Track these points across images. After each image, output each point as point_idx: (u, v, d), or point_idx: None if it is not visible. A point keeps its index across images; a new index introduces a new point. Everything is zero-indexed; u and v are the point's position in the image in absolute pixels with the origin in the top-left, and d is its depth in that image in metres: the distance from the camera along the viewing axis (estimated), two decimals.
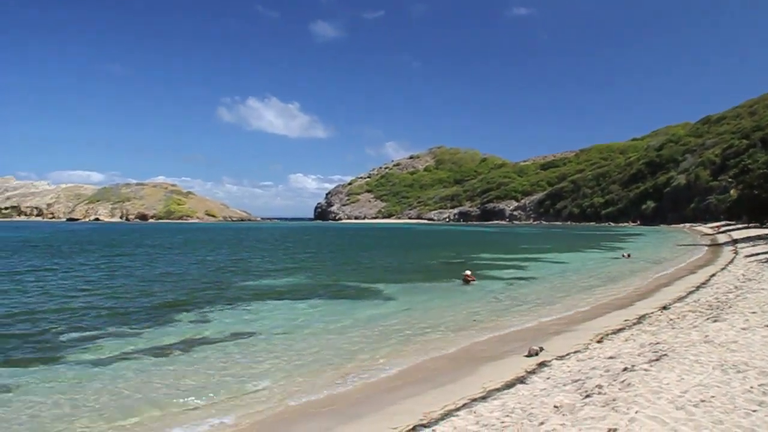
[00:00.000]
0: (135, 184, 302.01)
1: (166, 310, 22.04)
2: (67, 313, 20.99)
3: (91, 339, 16.96)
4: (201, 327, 18.99)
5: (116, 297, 25.12)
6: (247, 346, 16.37)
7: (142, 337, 17.31)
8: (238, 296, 25.79)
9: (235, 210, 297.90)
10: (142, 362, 14.60)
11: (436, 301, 24.89)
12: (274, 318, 20.82)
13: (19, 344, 16.22)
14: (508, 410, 9.49)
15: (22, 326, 18.61)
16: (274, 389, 12.43)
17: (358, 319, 20.50)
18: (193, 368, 14.03)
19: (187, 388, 12.49)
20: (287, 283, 30.88)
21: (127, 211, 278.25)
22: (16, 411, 10.98)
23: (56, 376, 13.26)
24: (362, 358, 15.06)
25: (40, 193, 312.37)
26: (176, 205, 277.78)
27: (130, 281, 30.89)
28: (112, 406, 11.35)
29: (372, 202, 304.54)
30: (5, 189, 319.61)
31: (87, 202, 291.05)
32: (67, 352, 15.33)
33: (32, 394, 11.90)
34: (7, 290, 26.84)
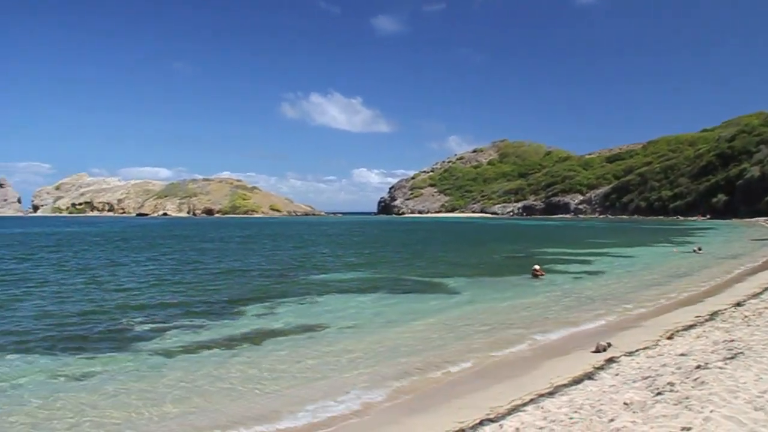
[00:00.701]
0: (201, 179, 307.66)
1: (235, 303, 22.40)
2: (140, 307, 21.56)
3: (164, 331, 17.39)
4: (269, 320, 19.28)
5: (186, 291, 25.65)
6: (314, 340, 16.53)
7: (213, 330, 17.66)
8: (305, 290, 26.05)
9: (299, 205, 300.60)
10: (215, 354, 14.91)
11: (503, 295, 24.70)
12: (340, 312, 20.95)
13: (96, 336, 16.73)
14: (576, 406, 9.36)
15: (99, 319, 19.18)
16: (342, 383, 12.47)
17: (424, 313, 20.50)
18: (264, 360, 14.25)
19: (258, 379, 12.68)
20: (353, 278, 31.06)
21: (193, 206, 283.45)
22: (101, 398, 11.34)
23: (134, 366, 13.65)
24: (429, 352, 15.03)
25: (112, 189, 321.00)
26: (241, 200, 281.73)
27: (199, 275, 31.52)
28: (191, 394, 11.64)
29: (435, 196, 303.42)
30: (79, 185, 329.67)
31: (155, 198, 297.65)
32: (142, 344, 15.76)
33: (114, 383, 12.28)
34: (86, 284, 27.68)
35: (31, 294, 24.24)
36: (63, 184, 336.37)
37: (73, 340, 16.03)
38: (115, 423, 10.19)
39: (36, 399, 11.34)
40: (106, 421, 10.24)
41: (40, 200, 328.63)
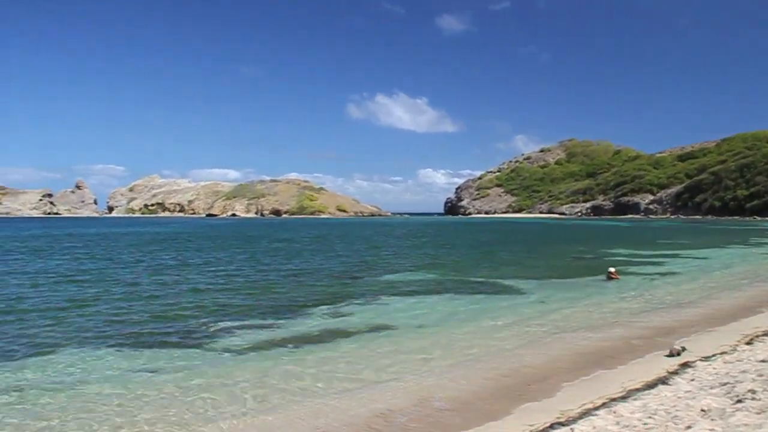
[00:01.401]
0: (269, 180, 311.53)
1: (304, 304, 22.61)
2: (212, 306, 21.96)
3: (236, 330, 17.70)
4: (339, 321, 19.42)
5: (256, 291, 26.01)
6: (383, 341, 16.58)
7: (283, 330, 17.88)
8: (373, 291, 26.15)
9: (365, 205, 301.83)
10: (286, 353, 15.08)
11: (575, 297, 24.36)
12: (409, 312, 20.98)
13: (170, 335, 17.15)
14: (650, 411, 9.12)
15: (173, 318, 19.67)
16: (409, 383, 12.45)
17: (494, 315, 20.35)
18: (335, 360, 14.35)
19: (329, 379, 12.76)
20: (421, 278, 31.03)
21: (261, 207, 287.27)
22: (176, 396, 11.57)
23: (208, 365, 13.94)
24: (498, 354, 14.91)
25: (182, 191, 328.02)
26: (308, 201, 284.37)
27: (268, 276, 31.94)
28: (263, 393, 11.78)
29: (502, 197, 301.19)
30: (151, 187, 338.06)
31: (224, 199, 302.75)
32: (215, 343, 16.09)
33: (188, 381, 12.53)
34: (159, 284, 28.40)
35: (109, 293, 24.98)
36: (136, 186, 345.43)
37: (149, 339, 16.45)
38: (192, 420, 10.39)
39: (116, 395, 11.66)
40: (185, 417, 10.46)
41: (114, 201, 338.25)
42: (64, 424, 10.13)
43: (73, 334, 16.83)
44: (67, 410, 10.76)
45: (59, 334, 16.94)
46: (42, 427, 9.98)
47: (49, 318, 19.18)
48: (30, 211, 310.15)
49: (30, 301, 22.58)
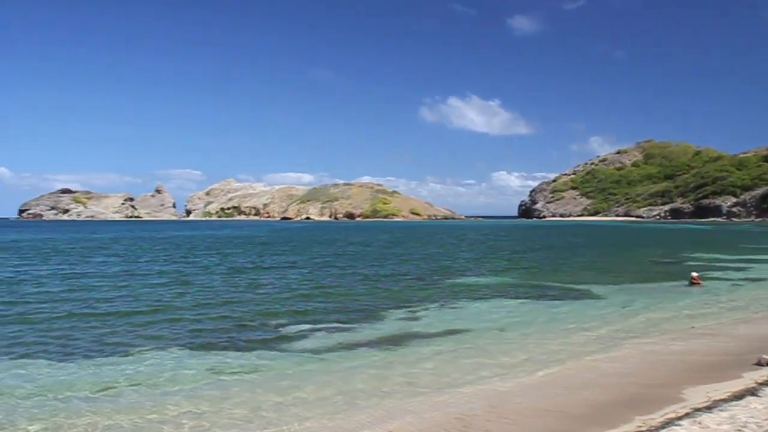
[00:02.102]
0: (343, 184, 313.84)
1: (380, 307, 22.73)
2: (289, 309, 22.28)
3: (313, 333, 17.93)
4: (414, 324, 19.45)
5: (332, 294, 26.27)
6: (461, 344, 16.49)
7: (360, 332, 18.02)
8: (448, 294, 26.08)
9: (438, 208, 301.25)
10: (363, 355, 15.21)
11: (655, 303, 23.70)
12: (486, 316, 20.87)
13: (252, 336, 17.46)
14: (739, 424, 8.80)
15: (251, 320, 19.99)
16: (487, 387, 12.31)
17: (571, 320, 20.04)
18: (412, 362, 14.35)
19: (399, 381, 12.73)
20: (497, 282, 30.79)
21: (335, 210, 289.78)
22: (258, 394, 11.68)
23: (288, 366, 14.12)
24: (576, 359, 14.63)
25: (257, 194, 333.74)
26: (382, 204, 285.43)
27: (344, 279, 32.26)
28: (342, 394, 11.82)
29: (577, 200, 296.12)
30: (228, 191, 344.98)
31: (299, 202, 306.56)
32: (293, 345, 16.31)
33: (276, 382, 12.68)
34: (238, 286, 28.97)
35: (192, 296, 25.62)
36: (213, 190, 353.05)
37: (232, 341, 16.76)
38: (280, 419, 10.48)
39: (202, 394, 11.93)
40: (274, 417, 10.57)
41: (192, 205, 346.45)
42: (162, 423, 10.37)
43: (158, 336, 17.32)
44: (161, 408, 11.04)
45: (145, 335, 17.46)
46: (140, 426, 10.23)
47: (133, 320, 19.76)
48: (113, 214, 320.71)
49: (114, 303, 23.28)
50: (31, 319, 19.69)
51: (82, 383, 12.65)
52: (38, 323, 18.98)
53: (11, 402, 11.46)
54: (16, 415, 10.67)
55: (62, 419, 10.49)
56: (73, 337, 17.13)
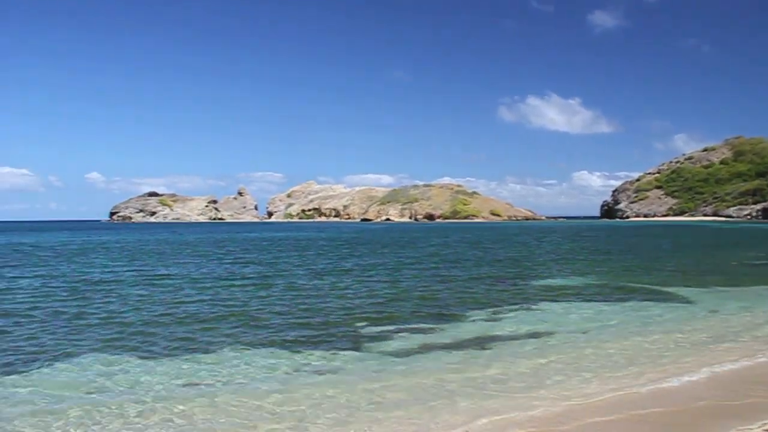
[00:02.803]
0: (422, 185, 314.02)
1: (458, 308, 22.56)
2: (368, 309, 22.39)
3: (391, 334, 17.89)
4: (493, 326, 19.17)
5: (410, 295, 26.23)
6: (542, 346, 16.22)
7: (437, 334, 17.88)
8: (528, 296, 25.71)
9: (519, 209, 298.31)
10: (440, 357, 15.06)
11: (748, 307, 22.58)
12: (567, 318, 20.51)
13: (328, 335, 17.56)
14: None
15: (332, 321, 20.11)
16: (565, 392, 12.03)
17: (657, 323, 19.41)
18: (488, 365, 14.10)
19: (479, 384, 12.53)
20: (578, 283, 30.21)
21: (415, 211, 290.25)
22: (334, 393, 11.73)
23: (365, 366, 14.18)
24: (662, 362, 14.19)
25: (338, 196, 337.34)
26: (462, 205, 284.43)
27: (421, 280, 32.16)
28: (415, 395, 11.72)
29: (662, 199, 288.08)
30: (308, 193, 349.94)
31: (378, 204, 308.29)
32: (371, 345, 16.33)
33: (346, 381, 12.69)
34: (317, 287, 29.31)
35: (273, 296, 25.96)
36: (293, 192, 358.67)
37: (310, 341, 16.85)
38: (359, 420, 10.49)
39: (274, 391, 12.07)
40: (351, 418, 10.56)
41: (273, 207, 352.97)
42: (247, 420, 10.52)
43: (241, 336, 17.58)
44: (248, 404, 11.26)
45: (228, 335, 17.75)
46: (223, 423, 10.40)
47: (217, 320, 20.20)
48: (197, 216, 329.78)
49: (198, 304, 23.81)
50: (121, 319, 20.38)
51: (171, 378, 13.06)
52: (128, 323, 19.61)
53: (107, 394, 11.90)
54: (113, 406, 11.07)
55: (157, 410, 10.89)
56: (159, 335, 17.63)
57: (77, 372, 13.63)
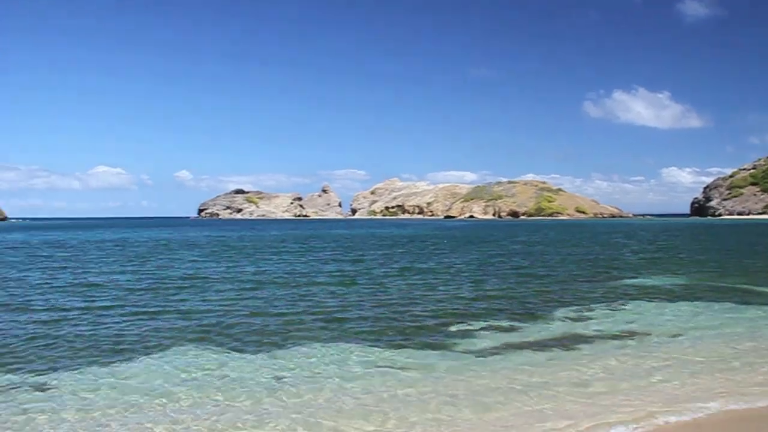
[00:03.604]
0: (506, 182, 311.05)
1: (544, 306, 22.20)
2: (451, 306, 22.22)
3: (475, 332, 17.72)
4: (579, 325, 18.77)
5: (494, 293, 25.88)
6: (629, 347, 15.71)
7: (522, 333, 17.58)
8: (616, 295, 25.05)
9: (605, 206, 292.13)
10: (525, 356, 14.81)
11: None
12: (656, 318, 19.84)
13: (412, 334, 17.48)
14: None
15: (414, 318, 20.04)
16: (659, 395, 11.58)
17: (752, 326, 18.53)
18: (575, 365, 13.79)
19: (564, 385, 12.23)
20: (669, 283, 29.17)
21: (499, 208, 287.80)
22: (417, 391, 11.61)
23: (448, 365, 13.93)
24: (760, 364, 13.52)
25: (421, 193, 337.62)
26: (546, 203, 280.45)
27: (508, 279, 31.70)
28: (501, 394, 11.54)
29: (758, 196, 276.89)
30: (391, 190, 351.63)
31: (462, 201, 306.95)
32: (456, 345, 16.07)
33: (429, 379, 12.55)
34: (400, 284, 29.37)
35: (356, 294, 26.09)
36: (377, 189, 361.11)
37: (394, 339, 16.80)
38: (436, 419, 10.36)
39: (360, 387, 12.09)
40: (429, 417, 10.44)
41: (357, 204, 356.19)
42: (334, 414, 10.55)
43: (320, 331, 17.73)
44: (333, 399, 11.37)
45: (307, 329, 17.96)
46: (309, 417, 10.44)
47: (301, 316, 20.37)
48: (282, 213, 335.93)
49: (277, 301, 24.00)
50: (209, 315, 20.87)
51: (258, 371, 13.33)
52: (216, 319, 20.01)
53: (195, 385, 12.18)
54: (202, 395, 11.43)
55: (242, 401, 11.17)
56: (245, 331, 17.89)
57: (173, 365, 13.96)
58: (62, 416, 10.48)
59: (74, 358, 14.50)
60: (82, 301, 23.58)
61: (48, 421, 10.25)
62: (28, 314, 20.43)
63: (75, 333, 17.40)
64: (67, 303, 22.88)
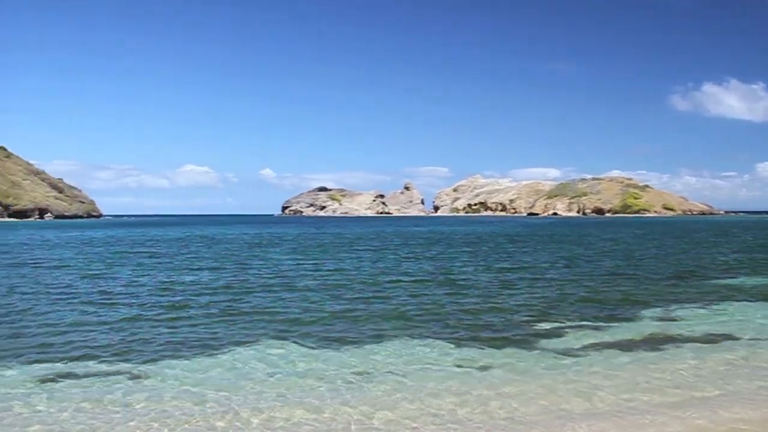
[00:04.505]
0: (590, 179, 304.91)
1: (630, 305, 21.89)
2: (537, 304, 22.12)
3: (561, 330, 17.65)
4: (668, 325, 18.41)
5: (581, 292, 25.61)
6: (723, 351, 15.23)
7: (609, 332, 17.37)
8: (706, 295, 24.38)
9: (694, 203, 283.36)
10: (609, 355, 14.68)
11: None
12: (751, 320, 19.20)
13: (496, 331, 17.53)
14: None
15: (498, 315, 20.13)
16: (746, 397, 11.38)
17: None
18: (661, 367, 13.55)
19: (654, 389, 12.00)
20: (760, 283, 28.29)
21: (583, 205, 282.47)
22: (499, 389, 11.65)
23: (532, 363, 13.96)
24: None
25: (503, 190, 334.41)
26: (632, 199, 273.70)
27: (593, 277, 31.25)
28: (589, 395, 11.49)
29: None
30: (474, 187, 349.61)
31: (545, 198, 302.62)
32: (540, 343, 16.02)
33: (516, 379, 12.60)
34: (490, 282, 29.37)
35: (446, 290, 26.25)
36: (459, 186, 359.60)
37: (479, 336, 16.90)
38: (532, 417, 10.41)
39: (446, 386, 12.14)
40: (518, 415, 10.50)
41: (440, 201, 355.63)
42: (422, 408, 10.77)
43: (405, 328, 17.92)
44: (414, 395, 11.48)
45: (393, 327, 18.18)
46: (395, 414, 10.64)
47: (387, 312, 20.70)
48: (365, 210, 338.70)
49: (361, 299, 24.29)
50: (293, 311, 21.37)
51: (345, 368, 13.53)
52: (300, 315, 20.49)
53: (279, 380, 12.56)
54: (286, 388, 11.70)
55: (324, 399, 11.34)
56: (330, 326, 18.31)
57: (259, 360, 14.43)
58: (154, 402, 11.08)
59: (166, 351, 15.13)
60: (172, 297, 24.53)
61: (146, 407, 10.85)
62: (121, 310, 21.27)
63: (165, 328, 18.15)
64: (157, 300, 23.72)
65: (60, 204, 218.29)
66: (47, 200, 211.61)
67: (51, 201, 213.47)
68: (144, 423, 10.06)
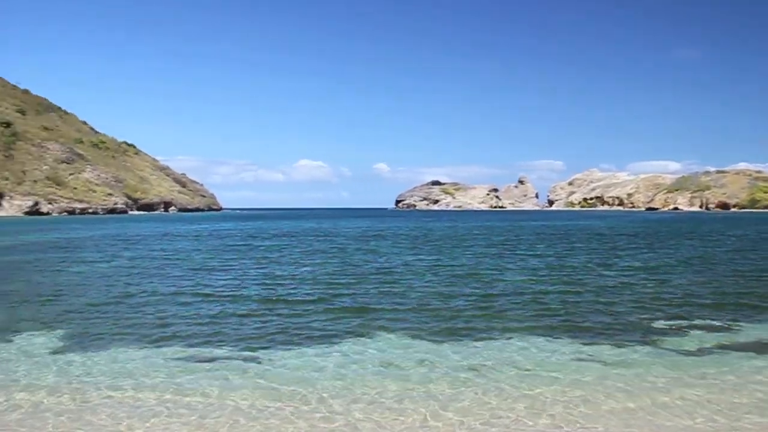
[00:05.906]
0: (714, 171, 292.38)
1: (762, 306, 20.96)
2: (663, 304, 21.36)
3: (684, 328, 17.23)
4: None
5: (705, 290, 24.68)
6: None
7: (738, 333, 16.76)
8: None
9: None
10: (733, 358, 14.11)
11: None
12: None
13: (611, 328, 17.27)
14: None
15: (625, 314, 19.60)
16: None
17: None
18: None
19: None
20: None
21: (706, 200, 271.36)
22: (633, 390, 11.47)
23: (658, 363, 13.56)
24: None
25: (621, 184, 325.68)
26: (762, 193, 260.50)
27: (718, 275, 30.07)
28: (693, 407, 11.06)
29: None
30: (590, 181, 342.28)
31: (665, 192, 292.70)
32: (665, 342, 15.63)
33: (639, 378, 12.34)
34: (606, 276, 28.78)
35: (560, 285, 25.98)
36: (575, 180, 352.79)
37: (600, 332, 16.71)
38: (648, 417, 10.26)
39: (558, 378, 12.22)
40: (634, 417, 10.37)
41: (554, 195, 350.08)
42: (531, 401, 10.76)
43: (520, 321, 18.02)
44: (529, 390, 11.52)
45: (508, 319, 18.29)
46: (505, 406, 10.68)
47: (498, 305, 20.78)
48: (478, 204, 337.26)
49: (467, 295, 23.86)
50: (410, 303, 21.65)
51: (454, 362, 13.63)
52: (416, 306, 20.80)
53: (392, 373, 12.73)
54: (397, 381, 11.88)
55: (441, 387, 11.64)
56: (440, 320, 18.31)
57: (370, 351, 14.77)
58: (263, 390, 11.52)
59: (276, 341, 15.67)
60: (285, 290, 24.94)
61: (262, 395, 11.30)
62: (236, 302, 21.87)
63: (277, 318, 18.69)
64: (271, 293, 24.14)
65: (183, 198, 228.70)
66: (171, 194, 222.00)
67: (175, 195, 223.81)
68: (263, 415, 10.52)
